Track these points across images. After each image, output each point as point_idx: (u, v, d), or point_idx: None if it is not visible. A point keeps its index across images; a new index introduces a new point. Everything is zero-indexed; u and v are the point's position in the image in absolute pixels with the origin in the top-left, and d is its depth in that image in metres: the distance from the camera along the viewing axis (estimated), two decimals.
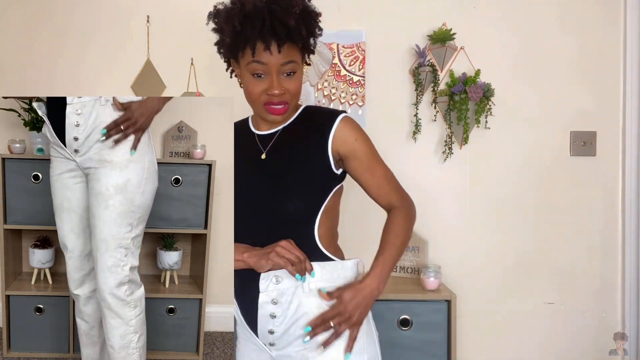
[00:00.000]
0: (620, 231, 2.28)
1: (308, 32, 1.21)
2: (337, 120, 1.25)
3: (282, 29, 1.15)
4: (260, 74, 1.20)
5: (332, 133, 1.24)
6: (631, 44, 2.22)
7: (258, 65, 1.19)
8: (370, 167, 1.29)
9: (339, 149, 1.25)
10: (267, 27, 1.14)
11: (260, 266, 1.19)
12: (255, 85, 1.21)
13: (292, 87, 1.22)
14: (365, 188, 1.32)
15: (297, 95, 1.25)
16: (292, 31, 1.16)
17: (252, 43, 1.16)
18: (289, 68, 1.20)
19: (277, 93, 1.20)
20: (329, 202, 1.26)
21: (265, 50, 1.17)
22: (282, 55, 1.18)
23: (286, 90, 1.21)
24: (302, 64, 1.27)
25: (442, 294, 1.97)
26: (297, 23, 1.16)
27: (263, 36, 1.15)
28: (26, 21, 2.27)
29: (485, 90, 2.14)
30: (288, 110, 1.25)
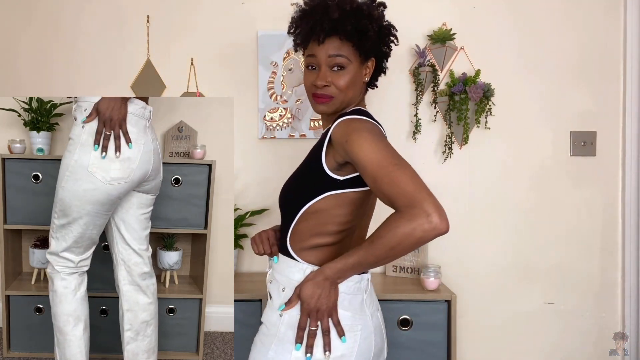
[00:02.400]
0: (620, 231, 2.28)
1: (355, 28, 1.25)
2: (336, 123, 1.23)
3: (328, 21, 1.24)
4: (312, 65, 1.30)
5: (329, 136, 1.23)
6: (631, 44, 2.22)
7: (310, 58, 1.30)
8: (368, 170, 1.13)
9: (338, 153, 1.21)
10: (318, 21, 1.26)
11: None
12: (307, 77, 1.32)
13: (338, 81, 1.27)
14: (379, 197, 1.15)
15: (344, 89, 1.28)
16: (337, 24, 1.24)
17: (307, 37, 1.30)
18: (337, 62, 1.27)
19: (320, 84, 1.27)
20: (317, 204, 1.24)
21: (314, 42, 1.28)
22: (329, 47, 1.26)
23: (332, 83, 1.27)
24: (359, 62, 1.30)
25: (442, 294, 1.97)
26: (342, 17, 1.24)
27: (314, 29, 1.27)
28: (26, 21, 2.26)
29: (485, 90, 2.14)
30: (332, 103, 1.29)
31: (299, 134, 2.24)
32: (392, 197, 1.09)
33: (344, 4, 1.26)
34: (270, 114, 2.25)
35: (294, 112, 2.25)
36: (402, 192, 1.08)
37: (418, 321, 1.93)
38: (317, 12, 1.27)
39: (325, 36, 1.26)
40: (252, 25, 2.24)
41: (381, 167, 1.11)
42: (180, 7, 2.25)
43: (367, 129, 1.19)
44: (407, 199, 1.07)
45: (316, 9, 1.28)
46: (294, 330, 1.22)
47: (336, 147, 1.21)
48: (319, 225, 1.25)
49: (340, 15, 1.24)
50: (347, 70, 1.28)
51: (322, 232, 1.26)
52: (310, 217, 1.25)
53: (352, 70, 1.28)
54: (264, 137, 2.26)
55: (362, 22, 1.26)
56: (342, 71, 1.28)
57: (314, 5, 1.29)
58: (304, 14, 1.31)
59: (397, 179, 1.09)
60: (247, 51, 2.24)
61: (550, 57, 2.25)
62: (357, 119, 1.23)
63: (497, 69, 2.22)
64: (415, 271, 2.18)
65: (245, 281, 2.13)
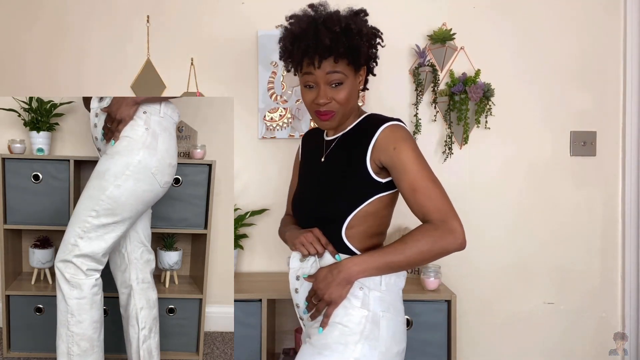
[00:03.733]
0: (620, 231, 2.28)
1: (349, 48, 1.30)
2: (381, 128, 1.32)
3: (321, 46, 1.28)
4: (310, 84, 1.34)
5: (374, 141, 1.32)
6: (631, 44, 2.22)
7: (307, 77, 1.34)
8: (412, 179, 1.26)
9: (380, 157, 1.30)
10: (311, 46, 1.29)
11: (290, 246, 1.43)
12: (306, 95, 1.36)
13: (339, 96, 1.33)
14: (406, 202, 1.29)
15: (345, 103, 1.34)
16: (330, 48, 1.28)
17: (300, 60, 1.33)
18: (335, 79, 1.32)
19: (322, 102, 1.32)
20: (367, 207, 1.32)
21: (310, 65, 1.31)
22: (326, 66, 1.30)
23: (332, 99, 1.33)
24: (354, 74, 1.35)
25: (442, 294, 1.97)
26: (334, 41, 1.28)
27: (308, 53, 1.30)
28: (26, 21, 2.27)
29: (485, 90, 2.14)
30: (336, 117, 1.35)
31: (299, 134, 2.24)
32: (427, 209, 1.24)
33: (332, 24, 1.29)
34: (270, 114, 2.25)
35: (294, 112, 2.25)
36: (437, 207, 1.23)
37: (418, 321, 1.93)
38: (307, 36, 1.29)
39: (321, 61, 1.29)
40: (252, 25, 2.24)
41: (422, 180, 1.26)
42: (180, 7, 2.25)
43: (412, 139, 1.32)
44: (440, 215, 1.23)
45: (306, 32, 1.30)
46: (379, 327, 1.29)
47: (381, 152, 1.30)
48: (373, 227, 1.35)
49: (332, 39, 1.28)
50: (345, 84, 1.33)
51: (377, 232, 1.37)
52: (362, 220, 1.33)
53: (349, 83, 1.34)
54: (264, 137, 2.26)
55: (354, 41, 1.30)
56: (340, 86, 1.33)
57: (302, 28, 1.31)
58: (294, 39, 1.32)
59: (434, 194, 1.25)
60: (247, 51, 2.24)
61: (550, 57, 2.25)
62: (401, 127, 1.33)
63: (497, 69, 2.22)
64: (415, 271, 2.18)
65: (245, 281, 2.13)
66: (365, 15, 1.38)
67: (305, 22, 1.32)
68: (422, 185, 1.25)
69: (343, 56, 1.30)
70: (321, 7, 1.35)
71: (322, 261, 1.35)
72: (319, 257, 1.35)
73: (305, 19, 1.33)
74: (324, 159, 1.42)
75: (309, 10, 1.36)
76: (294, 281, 1.40)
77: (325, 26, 1.29)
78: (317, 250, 1.34)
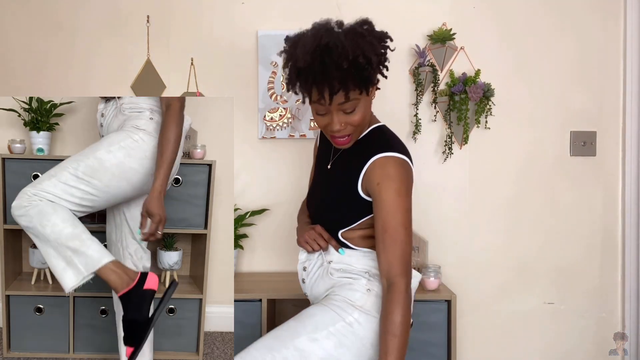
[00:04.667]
0: (620, 231, 2.28)
1: (359, 81, 1.26)
2: (372, 159, 1.32)
3: (331, 82, 1.23)
4: (322, 113, 1.32)
5: (364, 171, 1.33)
6: (631, 44, 2.22)
7: (319, 106, 1.31)
8: (385, 218, 1.28)
9: (367, 187, 1.33)
10: (318, 81, 1.24)
11: (297, 242, 1.50)
12: (320, 121, 1.35)
13: (353, 120, 1.32)
14: (376, 238, 1.31)
15: (360, 124, 1.34)
16: (341, 84, 1.24)
17: (308, 91, 1.28)
18: (347, 107, 1.29)
19: (337, 129, 1.32)
20: (361, 224, 1.39)
21: (320, 97, 1.27)
22: (337, 99, 1.26)
23: (347, 125, 1.32)
24: (367, 94, 1.31)
25: (442, 294, 1.97)
26: (343, 78, 1.23)
27: (317, 86, 1.25)
28: (26, 21, 2.26)
29: (485, 90, 2.14)
30: (352, 138, 1.36)
31: (299, 134, 2.24)
32: (387, 255, 1.28)
33: (339, 58, 1.21)
34: (270, 114, 2.25)
35: (294, 112, 2.25)
36: (395, 257, 1.28)
37: (418, 321, 1.93)
38: (313, 70, 1.23)
39: (332, 96, 1.25)
40: (252, 25, 2.24)
41: (394, 222, 1.28)
42: (180, 7, 2.25)
43: (400, 179, 1.30)
44: (394, 269, 1.27)
45: (311, 67, 1.23)
46: (378, 306, 1.36)
47: (368, 183, 1.32)
48: (370, 231, 1.40)
49: (341, 77, 1.22)
50: (358, 108, 1.31)
51: (370, 234, 1.40)
52: (358, 228, 1.40)
53: (363, 104, 1.32)
54: (264, 137, 2.26)
55: (365, 73, 1.26)
56: (354, 111, 1.31)
57: (307, 62, 1.23)
58: (299, 72, 1.27)
59: (399, 240, 1.28)
60: (247, 51, 2.24)
61: (550, 57, 2.25)
62: (391, 161, 1.31)
63: (497, 69, 2.22)
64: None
65: (245, 281, 2.13)
66: (367, 26, 1.32)
67: (309, 54, 1.23)
68: (393, 228, 1.28)
69: (354, 88, 1.26)
70: (322, 29, 1.27)
71: (327, 255, 1.43)
72: (324, 252, 1.44)
73: (310, 49, 1.23)
74: (330, 166, 1.45)
75: (310, 36, 1.26)
76: (301, 272, 1.50)
77: (333, 60, 1.21)
78: (321, 246, 1.42)
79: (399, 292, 1.26)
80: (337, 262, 1.42)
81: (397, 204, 1.28)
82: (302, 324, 1.35)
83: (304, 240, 1.45)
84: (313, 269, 1.47)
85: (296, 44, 1.28)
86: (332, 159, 1.46)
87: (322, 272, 1.44)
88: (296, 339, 1.31)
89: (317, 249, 1.43)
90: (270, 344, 1.32)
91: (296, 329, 1.34)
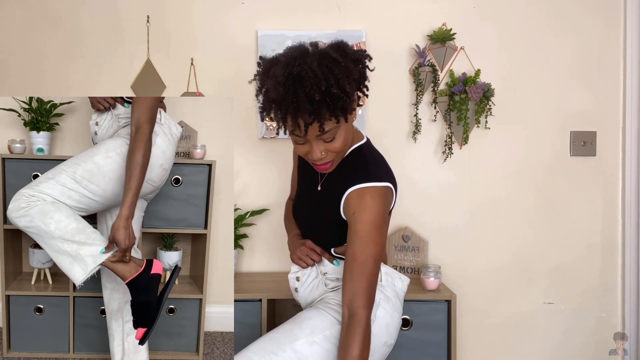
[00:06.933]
0: (620, 231, 2.28)
1: (333, 111, 1.22)
2: (349, 190, 1.32)
3: (303, 115, 1.20)
4: (301, 142, 1.31)
5: (343, 198, 1.34)
6: (631, 44, 2.22)
7: (296, 137, 1.30)
8: (356, 248, 1.28)
9: (345, 214, 1.35)
10: (291, 113, 1.21)
11: (290, 258, 1.54)
12: (299, 149, 1.34)
13: (334, 147, 1.30)
14: (344, 265, 1.31)
15: (342, 150, 1.33)
16: (315, 115, 1.21)
17: (284, 122, 1.25)
18: (327, 136, 1.27)
19: (318, 157, 1.31)
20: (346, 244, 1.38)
21: (295, 127, 1.25)
22: (314, 130, 1.24)
23: (328, 152, 1.31)
24: (345, 119, 1.27)
25: (442, 294, 1.97)
26: (316, 110, 1.20)
27: (291, 117, 1.23)
28: (26, 21, 2.27)
29: (485, 90, 2.14)
30: (334, 163, 1.36)
31: None
32: (354, 284, 1.26)
33: (312, 90, 1.18)
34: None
35: None
36: (363, 289, 1.26)
37: (418, 321, 1.93)
38: (286, 102, 1.20)
39: (307, 127, 1.22)
40: (252, 25, 2.24)
41: (365, 254, 1.27)
42: (180, 7, 2.25)
43: (376, 211, 1.29)
44: (356, 301, 1.25)
45: (284, 99, 1.20)
46: (375, 312, 1.35)
47: (345, 211, 1.34)
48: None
49: (314, 109, 1.19)
50: (338, 135, 1.29)
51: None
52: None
53: (342, 130, 1.29)
54: (264, 137, 2.26)
55: (339, 103, 1.22)
56: (334, 139, 1.29)
57: (279, 93, 1.20)
58: (271, 102, 1.24)
59: (368, 273, 1.27)
60: (247, 51, 2.24)
61: (550, 57, 2.25)
62: (371, 192, 1.30)
63: (497, 69, 2.22)
64: (415, 271, 2.18)
65: (245, 281, 2.13)
66: (344, 51, 1.25)
67: (281, 85, 1.19)
68: (363, 259, 1.27)
69: (330, 118, 1.23)
70: (295, 55, 1.22)
71: (321, 266, 1.47)
72: (318, 264, 1.48)
73: (281, 80, 1.19)
74: (320, 187, 1.45)
75: (282, 64, 1.22)
76: (293, 281, 1.53)
77: (305, 92, 1.18)
78: (314, 260, 1.46)
79: (360, 326, 1.24)
80: (332, 273, 1.46)
81: (370, 235, 1.28)
82: (299, 327, 1.35)
83: (297, 257, 1.49)
84: (307, 280, 1.50)
85: (268, 72, 1.25)
86: (321, 180, 1.46)
87: (317, 282, 1.48)
88: (294, 342, 1.31)
89: (310, 264, 1.47)
90: (267, 347, 1.31)
91: (293, 332, 1.34)
